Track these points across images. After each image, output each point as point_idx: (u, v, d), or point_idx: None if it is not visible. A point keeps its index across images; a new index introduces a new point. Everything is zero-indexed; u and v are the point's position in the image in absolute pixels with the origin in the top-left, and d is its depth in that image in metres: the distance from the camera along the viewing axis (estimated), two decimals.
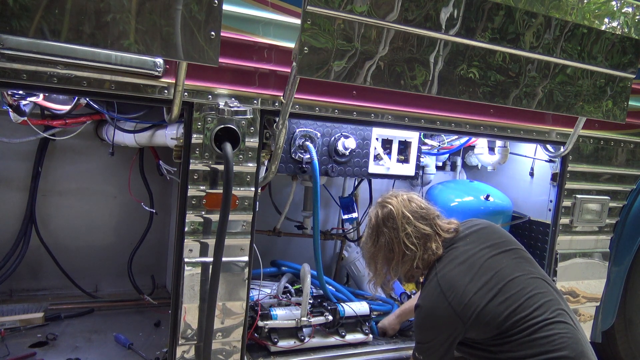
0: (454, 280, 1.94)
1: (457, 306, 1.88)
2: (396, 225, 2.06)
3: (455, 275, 1.95)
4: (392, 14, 1.99)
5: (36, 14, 1.55)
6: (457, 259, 2.01)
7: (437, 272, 1.99)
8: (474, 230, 2.13)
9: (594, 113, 2.55)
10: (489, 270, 1.95)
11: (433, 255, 2.05)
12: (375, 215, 2.16)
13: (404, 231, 2.05)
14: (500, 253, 2.03)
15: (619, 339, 3.47)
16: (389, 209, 2.10)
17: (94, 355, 2.60)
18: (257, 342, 2.60)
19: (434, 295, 1.94)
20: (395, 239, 2.06)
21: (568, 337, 1.86)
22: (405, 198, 2.14)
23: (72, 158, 3.29)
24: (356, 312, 2.78)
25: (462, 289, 1.90)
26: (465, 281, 1.92)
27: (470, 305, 1.88)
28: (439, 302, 1.91)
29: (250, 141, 2.21)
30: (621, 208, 3.26)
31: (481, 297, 1.88)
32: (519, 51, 2.28)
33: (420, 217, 2.09)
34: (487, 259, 1.99)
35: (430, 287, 1.98)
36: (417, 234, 2.05)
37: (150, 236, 3.38)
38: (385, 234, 2.09)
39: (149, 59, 1.95)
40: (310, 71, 1.92)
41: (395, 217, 2.07)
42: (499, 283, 1.92)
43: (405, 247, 2.04)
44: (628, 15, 2.48)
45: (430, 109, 2.55)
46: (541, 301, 1.90)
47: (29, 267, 3.21)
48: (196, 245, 2.16)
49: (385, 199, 2.16)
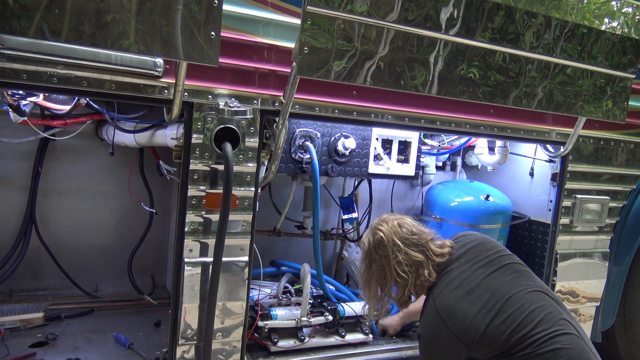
0: (452, 306, 1.92)
1: (458, 332, 1.86)
2: (387, 253, 2.06)
3: (452, 301, 1.94)
4: (392, 14, 1.99)
5: (36, 14, 1.55)
6: (453, 283, 1.99)
7: (434, 298, 1.98)
8: (467, 249, 2.11)
9: (594, 113, 2.55)
10: (486, 291, 1.94)
11: (426, 282, 2.04)
12: (367, 242, 2.15)
13: (395, 259, 2.04)
14: (496, 271, 2.01)
15: (619, 339, 3.47)
16: (380, 236, 2.09)
17: (94, 355, 2.60)
18: (257, 342, 2.60)
19: (433, 324, 1.94)
20: (387, 267, 2.06)
21: (572, 348, 1.85)
22: (395, 224, 2.12)
23: (72, 158, 3.29)
24: (356, 312, 2.78)
25: (461, 314, 1.89)
26: (463, 305, 1.91)
27: (471, 329, 1.86)
28: (439, 329, 1.90)
29: (250, 141, 2.21)
30: (621, 208, 3.26)
31: (481, 319, 1.87)
32: (519, 51, 2.28)
33: (412, 243, 2.07)
34: (482, 279, 1.97)
35: (429, 316, 1.98)
36: (408, 261, 2.04)
37: (150, 236, 3.38)
38: (376, 260, 2.09)
39: (149, 59, 1.95)
40: (310, 71, 1.92)
41: (386, 244, 2.06)
42: (498, 303, 1.90)
43: (397, 275, 2.04)
44: (628, 15, 2.48)
45: (430, 109, 2.55)
46: (542, 315, 1.88)
47: (29, 267, 3.21)
48: (196, 245, 2.16)
49: (377, 225, 2.15)
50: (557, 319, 1.89)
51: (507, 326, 1.85)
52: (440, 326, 1.90)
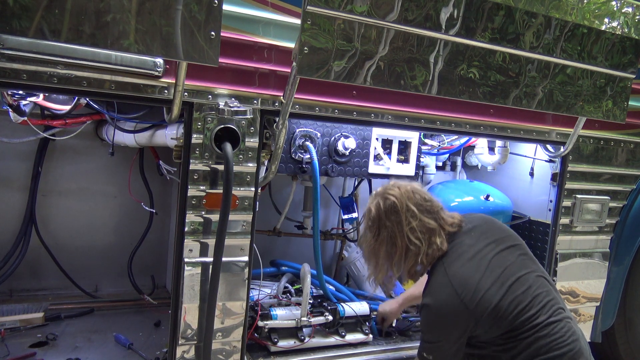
0: (466, 277, 1.87)
1: (470, 303, 1.82)
2: (400, 219, 1.95)
3: (466, 272, 1.88)
4: (392, 14, 1.99)
5: (36, 14, 1.55)
6: (465, 255, 1.94)
7: (446, 268, 1.92)
8: (477, 224, 2.07)
9: (594, 113, 2.55)
10: (497, 267, 1.90)
11: (438, 251, 1.96)
12: (376, 207, 2.02)
13: (408, 225, 1.94)
14: (505, 249, 1.98)
15: (619, 339, 3.47)
16: (392, 201, 1.98)
17: (94, 355, 2.60)
18: (257, 342, 2.60)
19: (444, 293, 1.86)
20: (399, 234, 1.95)
21: (568, 336, 1.87)
22: (409, 189, 2.02)
23: (72, 158, 3.29)
24: (356, 312, 2.78)
25: (475, 285, 1.84)
26: (477, 277, 1.86)
27: (483, 302, 1.82)
28: (451, 299, 1.84)
29: (250, 141, 2.21)
30: (621, 208, 3.26)
31: (493, 294, 1.83)
32: (519, 51, 2.28)
33: (425, 210, 1.99)
34: (494, 255, 1.94)
35: (439, 285, 1.90)
36: (422, 228, 1.95)
37: (150, 236, 3.38)
38: (387, 227, 1.97)
39: (149, 59, 1.95)
40: (310, 71, 1.92)
41: (399, 210, 1.96)
42: (507, 280, 1.87)
43: (409, 242, 1.94)
44: (628, 15, 2.48)
45: (430, 109, 2.55)
46: (544, 300, 1.89)
47: (29, 267, 3.21)
48: (196, 245, 2.16)
49: (387, 190, 2.04)
50: (557, 307, 1.92)
51: (515, 306, 1.84)
52: (452, 296, 1.83)
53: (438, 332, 1.90)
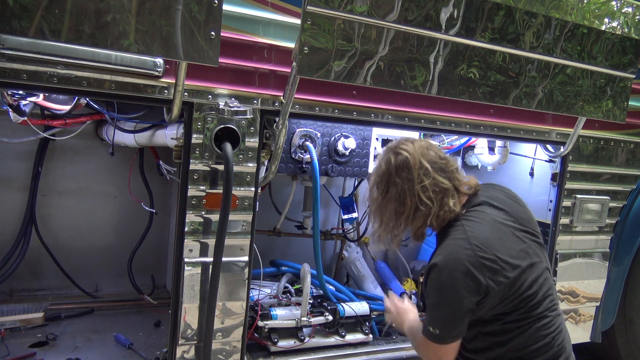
0: (487, 240, 1.74)
1: (487, 270, 1.69)
2: (412, 176, 1.81)
3: (487, 236, 1.76)
4: (392, 14, 1.99)
5: (36, 14, 1.55)
6: (486, 221, 1.82)
7: (465, 228, 1.78)
8: (502, 197, 1.95)
9: (594, 113, 2.56)
10: (516, 244, 1.81)
11: (449, 213, 1.82)
12: (386, 163, 1.87)
13: (420, 183, 1.80)
14: (524, 232, 1.88)
15: (619, 339, 3.47)
16: (405, 156, 1.83)
17: (94, 355, 2.60)
18: (257, 342, 2.60)
19: (461, 253, 1.71)
20: (409, 192, 1.81)
21: (559, 331, 1.85)
22: (423, 145, 1.88)
23: (72, 158, 3.29)
24: (356, 312, 2.78)
25: (494, 251, 1.72)
26: (497, 246, 1.74)
27: (502, 271, 1.70)
28: (468, 258, 1.70)
29: (250, 141, 2.21)
30: (621, 208, 3.26)
31: (510, 269, 1.73)
32: (519, 51, 2.28)
33: (440, 168, 1.84)
34: (514, 232, 1.84)
35: (456, 244, 1.76)
36: (434, 188, 1.81)
37: (150, 236, 3.39)
38: (397, 184, 1.83)
39: (149, 59, 1.95)
40: (310, 71, 1.92)
41: (412, 166, 1.81)
42: (523, 262, 1.78)
43: (420, 202, 1.80)
44: (628, 15, 2.48)
45: (430, 109, 2.55)
46: (547, 293, 1.84)
47: (29, 267, 3.21)
48: (196, 245, 2.16)
49: (400, 145, 1.88)
50: (554, 304, 1.88)
51: (525, 289, 1.76)
52: (470, 256, 1.69)
53: (448, 296, 1.73)
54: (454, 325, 1.76)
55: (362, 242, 3.58)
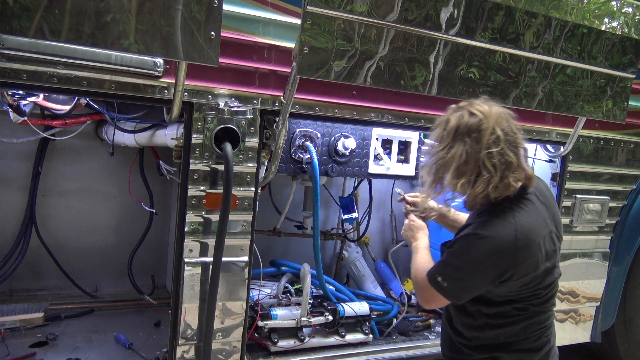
0: (530, 231, 1.71)
1: (521, 256, 1.70)
2: (481, 139, 1.72)
3: (533, 230, 1.75)
4: (392, 14, 1.99)
5: (36, 14, 1.55)
6: (534, 214, 1.81)
7: (515, 213, 1.75)
8: (546, 194, 1.94)
9: (594, 113, 2.56)
10: (550, 244, 1.82)
11: (507, 189, 1.75)
12: (458, 119, 1.77)
13: (487, 149, 1.71)
14: (556, 235, 1.90)
15: (619, 339, 3.47)
16: (479, 119, 1.74)
17: (94, 355, 2.60)
18: (257, 342, 2.60)
19: (505, 233, 1.71)
20: (474, 155, 1.72)
21: (550, 326, 1.91)
22: (500, 112, 1.78)
23: (72, 158, 3.29)
24: (356, 312, 2.78)
25: (534, 245, 1.73)
26: (538, 241, 1.75)
27: (532, 264, 1.73)
28: (508, 241, 1.70)
29: (250, 141, 2.21)
30: (621, 208, 3.26)
31: (540, 262, 1.75)
32: (519, 51, 2.28)
33: (510, 141, 1.76)
34: (551, 232, 1.86)
35: (503, 224, 1.74)
36: (500, 158, 1.72)
37: (150, 236, 3.39)
38: (465, 143, 1.74)
39: (149, 59, 1.95)
40: (310, 71, 1.92)
41: (483, 130, 1.72)
42: (551, 262, 1.81)
43: (483, 167, 1.72)
44: (628, 15, 2.48)
45: (430, 109, 2.55)
46: (554, 292, 1.90)
47: (29, 267, 3.21)
48: (196, 245, 2.16)
49: (476, 106, 1.79)
50: (554, 302, 1.93)
51: (542, 288, 1.80)
52: (510, 240, 1.70)
53: (474, 268, 1.75)
54: (463, 291, 1.79)
55: (362, 242, 3.58)
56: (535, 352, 1.86)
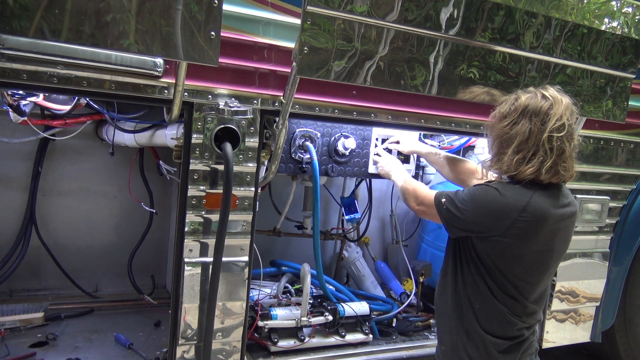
0: (539, 209, 1.80)
1: (521, 223, 1.77)
2: (546, 123, 1.78)
3: (542, 211, 1.80)
4: (392, 14, 1.99)
5: (36, 14, 1.55)
6: (553, 202, 1.85)
7: (535, 194, 1.81)
8: (568, 193, 1.97)
9: (594, 113, 2.56)
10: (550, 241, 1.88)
11: (555, 175, 1.81)
12: (529, 99, 1.84)
13: (548, 132, 1.78)
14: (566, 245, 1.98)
15: (619, 339, 3.47)
16: (550, 103, 1.81)
17: (94, 355, 2.60)
18: (257, 342, 2.60)
19: (515, 198, 1.80)
20: (537, 135, 1.78)
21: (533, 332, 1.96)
22: (570, 105, 1.84)
23: (72, 158, 3.29)
24: (356, 312, 2.78)
25: (536, 222, 1.79)
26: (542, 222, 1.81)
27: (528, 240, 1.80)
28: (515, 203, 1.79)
29: (250, 141, 2.21)
30: (621, 208, 3.26)
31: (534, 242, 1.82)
32: (519, 51, 2.28)
33: (570, 134, 1.82)
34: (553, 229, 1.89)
35: (519, 192, 1.81)
36: (558, 144, 1.78)
37: (150, 236, 3.39)
38: (531, 122, 1.80)
39: (149, 59, 1.95)
40: (310, 71, 1.92)
41: (552, 115, 1.79)
42: (546, 262, 1.88)
43: (541, 147, 1.78)
44: (628, 15, 2.48)
45: (430, 109, 2.55)
46: (540, 299, 1.94)
47: (29, 267, 3.21)
48: (196, 245, 2.16)
49: (550, 92, 1.85)
50: (539, 318, 1.98)
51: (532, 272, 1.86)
52: (517, 205, 1.78)
53: (477, 208, 1.85)
54: (457, 220, 1.89)
55: (362, 242, 3.58)
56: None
